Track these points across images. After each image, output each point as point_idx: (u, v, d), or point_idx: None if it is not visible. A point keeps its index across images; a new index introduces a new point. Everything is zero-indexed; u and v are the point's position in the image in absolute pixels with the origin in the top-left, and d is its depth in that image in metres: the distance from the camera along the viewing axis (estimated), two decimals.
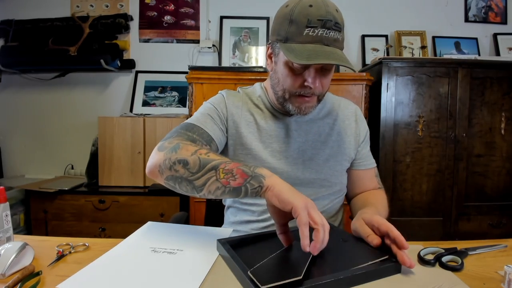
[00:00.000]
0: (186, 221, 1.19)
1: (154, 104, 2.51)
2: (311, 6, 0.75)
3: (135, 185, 2.19)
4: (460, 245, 0.73)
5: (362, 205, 0.92)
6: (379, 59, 2.07)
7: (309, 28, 0.75)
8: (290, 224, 0.74)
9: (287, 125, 0.94)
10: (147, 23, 2.56)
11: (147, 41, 2.57)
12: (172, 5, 2.55)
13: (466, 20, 2.57)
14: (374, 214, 0.73)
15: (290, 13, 0.77)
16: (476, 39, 2.54)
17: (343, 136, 0.97)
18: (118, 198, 2.09)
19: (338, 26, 0.76)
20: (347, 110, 1.01)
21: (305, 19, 0.75)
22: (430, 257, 0.67)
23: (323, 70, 0.81)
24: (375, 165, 1.05)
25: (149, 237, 0.79)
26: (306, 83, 0.80)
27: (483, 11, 2.57)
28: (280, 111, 0.94)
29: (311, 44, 0.75)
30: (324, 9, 0.75)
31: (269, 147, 0.93)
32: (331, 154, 0.95)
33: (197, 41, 2.55)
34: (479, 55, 2.48)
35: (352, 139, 0.98)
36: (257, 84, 1.01)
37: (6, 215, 0.74)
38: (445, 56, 2.35)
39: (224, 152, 0.95)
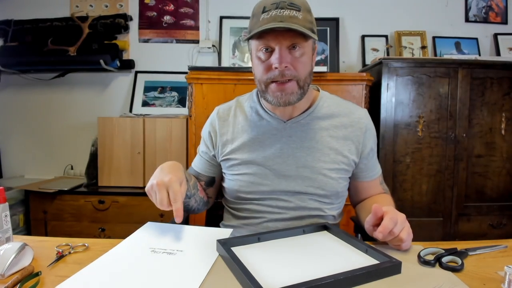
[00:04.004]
0: (186, 221, 1.19)
1: (153, 104, 2.50)
2: None
3: (135, 185, 2.19)
4: (460, 245, 0.73)
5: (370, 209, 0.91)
6: (379, 59, 2.07)
7: (265, 13, 0.78)
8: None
9: (280, 129, 0.92)
10: (146, 23, 2.56)
11: (146, 41, 2.57)
12: (172, 5, 2.55)
13: (467, 20, 2.57)
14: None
15: (252, 10, 0.84)
16: (476, 39, 2.54)
17: (342, 144, 0.92)
18: (117, 199, 2.09)
19: (294, 5, 0.78)
20: (353, 115, 0.96)
21: (261, 8, 0.80)
22: (430, 257, 0.67)
23: (290, 50, 0.80)
24: (381, 172, 1.02)
25: (148, 237, 0.79)
26: (273, 65, 0.80)
27: (483, 11, 2.57)
28: (272, 114, 0.93)
29: (266, 24, 0.77)
30: None
31: (258, 151, 0.92)
32: (326, 161, 0.90)
33: (197, 41, 2.55)
34: (479, 55, 2.48)
35: (353, 147, 0.93)
36: (254, 90, 1.00)
37: (6, 216, 0.74)
38: (445, 56, 2.35)
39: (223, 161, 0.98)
